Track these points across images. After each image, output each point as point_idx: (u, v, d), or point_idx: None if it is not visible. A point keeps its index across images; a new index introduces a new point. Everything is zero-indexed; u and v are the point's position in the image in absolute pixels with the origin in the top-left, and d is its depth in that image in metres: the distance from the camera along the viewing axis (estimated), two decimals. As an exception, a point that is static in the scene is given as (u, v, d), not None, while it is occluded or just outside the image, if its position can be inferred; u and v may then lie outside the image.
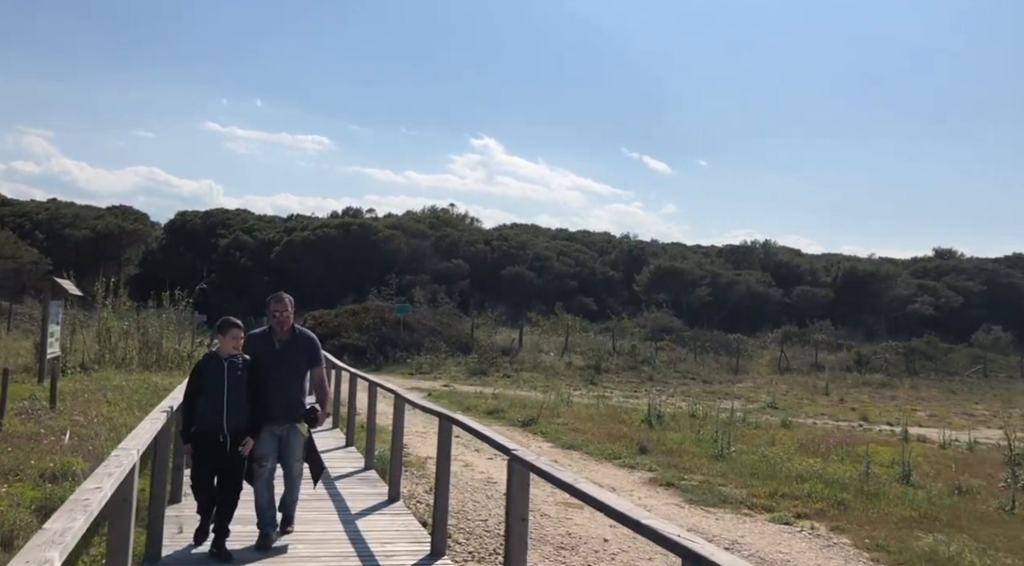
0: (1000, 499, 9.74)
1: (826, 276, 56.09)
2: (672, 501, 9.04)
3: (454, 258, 49.75)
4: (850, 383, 28.38)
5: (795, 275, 56.02)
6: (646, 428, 14.71)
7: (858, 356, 32.85)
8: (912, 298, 52.13)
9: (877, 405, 23.10)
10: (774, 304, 51.02)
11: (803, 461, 11.67)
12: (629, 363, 28.98)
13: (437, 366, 26.25)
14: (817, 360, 32.64)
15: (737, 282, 51.28)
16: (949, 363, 33.84)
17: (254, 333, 5.88)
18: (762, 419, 17.80)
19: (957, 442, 15.70)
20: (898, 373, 30.99)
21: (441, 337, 29.55)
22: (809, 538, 7.55)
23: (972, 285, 54.95)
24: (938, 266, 60.54)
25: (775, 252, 60.47)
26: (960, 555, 6.86)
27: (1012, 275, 57.40)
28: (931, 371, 32.34)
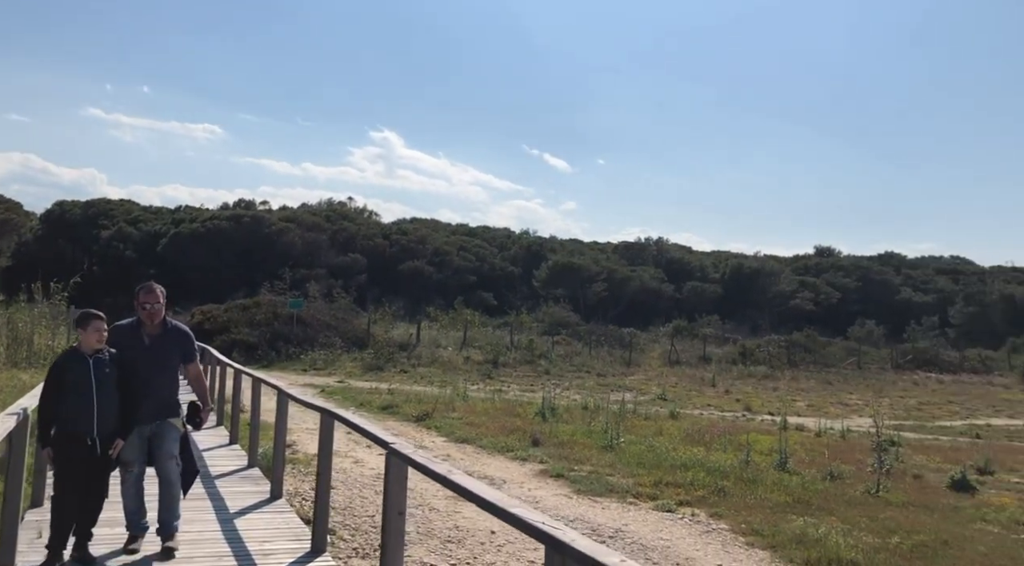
0: (867, 483, 10.31)
1: (715, 273, 58.27)
2: (561, 492, 9.16)
3: (351, 252, 48.99)
4: (735, 375, 29.53)
5: (686, 271, 57.95)
6: (540, 421, 14.87)
7: (743, 349, 34.23)
8: (794, 294, 54.77)
9: (760, 396, 24.12)
10: (666, 299, 52.61)
11: (688, 450, 12.05)
12: (526, 357, 29.25)
13: (332, 362, 25.76)
14: (705, 353, 33.84)
15: (632, 278, 52.59)
16: (827, 356, 35.70)
17: (120, 325, 5.40)
18: (652, 410, 18.28)
19: (832, 430, 16.53)
20: (780, 365, 32.48)
21: (336, 332, 29.02)
22: (690, 524, 7.80)
23: (849, 282, 58.21)
24: (818, 263, 63.84)
25: (668, 249, 62.37)
26: (827, 536, 7.23)
27: (885, 272, 61.11)
28: (810, 363, 34.03)
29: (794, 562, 6.62)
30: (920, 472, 11.84)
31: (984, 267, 70.40)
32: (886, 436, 15.09)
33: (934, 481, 11.18)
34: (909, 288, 60.53)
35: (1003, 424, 20.88)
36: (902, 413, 22.12)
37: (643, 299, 51.86)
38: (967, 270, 68.66)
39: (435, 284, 49.44)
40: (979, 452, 13.44)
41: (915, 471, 11.88)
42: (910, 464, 12.48)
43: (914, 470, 11.95)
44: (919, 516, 8.77)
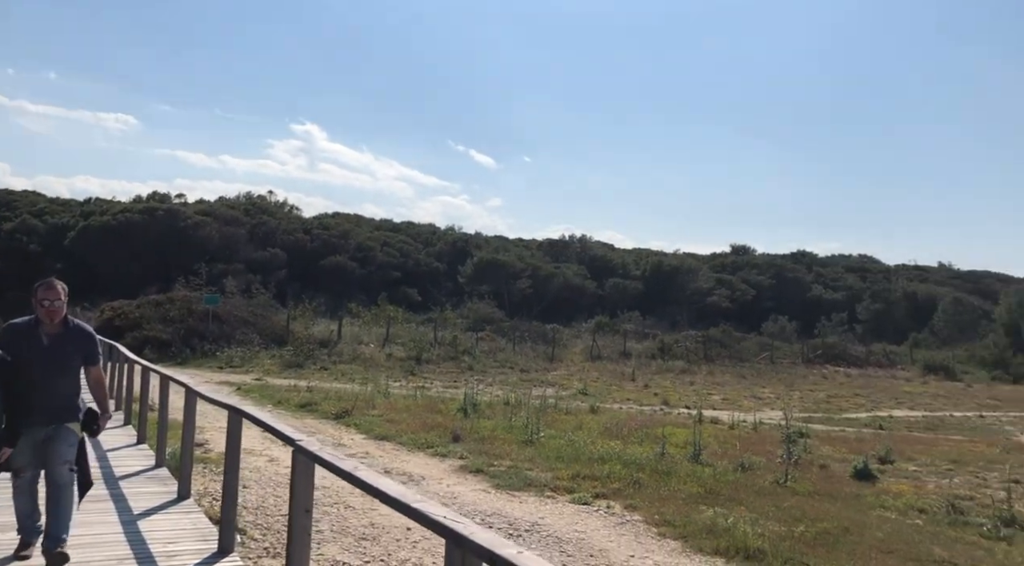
0: (776, 473, 10.65)
1: (636, 270, 59.32)
2: (480, 487, 9.17)
3: (271, 247, 47.93)
4: (654, 369, 30.13)
5: (609, 269, 58.81)
6: (461, 417, 14.86)
7: (662, 344, 34.96)
8: (711, 291, 56.24)
9: (677, 390, 24.67)
10: (589, 296, 53.29)
11: (606, 444, 12.23)
12: (450, 354, 29.18)
13: (249, 359, 25.15)
14: (626, 348, 34.42)
15: (556, 275, 53.06)
16: (742, 351, 36.79)
17: (15, 323, 5.07)
18: (573, 405, 18.48)
19: (745, 423, 17.01)
20: (697, 360, 33.31)
21: (254, 329, 28.35)
22: (605, 516, 7.92)
23: (763, 279, 60.11)
24: (734, 261, 65.72)
25: (591, 247, 63.16)
26: (736, 526, 7.44)
27: (797, 270, 63.32)
28: (726, 358, 35.00)
29: (703, 551, 6.79)
30: (826, 462, 12.30)
31: (889, 266, 73.82)
32: (795, 428, 15.66)
33: (839, 471, 11.64)
34: (820, 286, 62.91)
35: (904, 415, 21.91)
36: (811, 406, 22.96)
37: (567, 296, 52.40)
38: (874, 268, 71.82)
39: (358, 280, 48.82)
40: (881, 443, 14.04)
41: (822, 461, 12.33)
42: (817, 455, 12.95)
43: (821, 460, 12.41)
44: (823, 504, 9.11)
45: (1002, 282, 64.01)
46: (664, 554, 6.71)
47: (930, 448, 14.76)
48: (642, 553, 6.69)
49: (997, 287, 59.66)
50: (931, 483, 11.18)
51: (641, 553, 6.69)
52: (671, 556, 6.66)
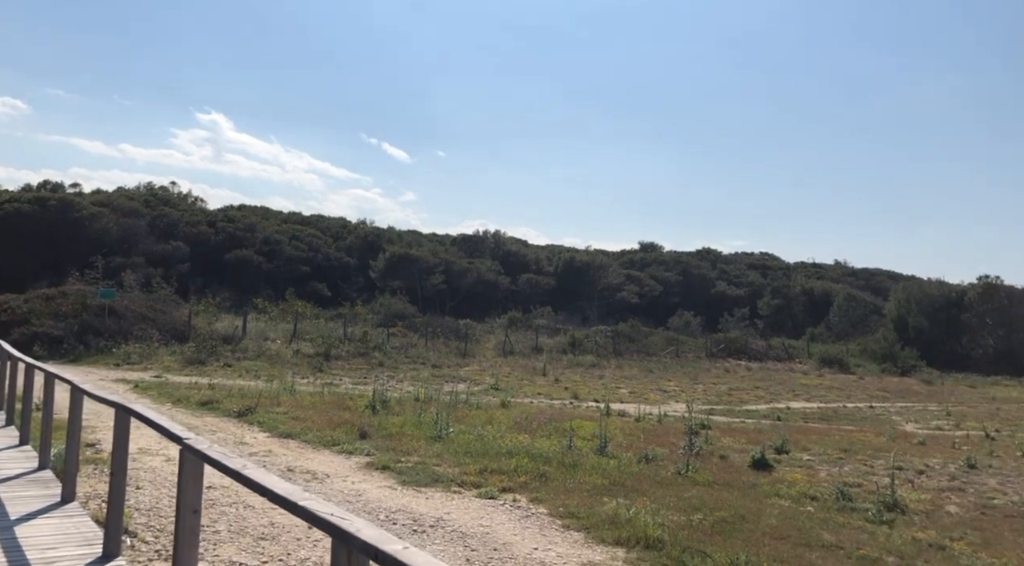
0: (678, 464, 10.94)
1: (549, 266, 59.85)
2: (386, 484, 9.07)
3: (173, 240, 46.13)
4: (565, 364, 30.50)
5: (522, 264, 59.14)
6: (370, 414, 14.66)
7: (573, 339, 35.40)
8: (621, 287, 57.29)
9: (587, 384, 25.04)
10: (502, 291, 53.47)
11: (515, 438, 12.30)
12: (360, 349, 28.76)
13: (148, 356, 24.15)
14: (538, 343, 34.72)
15: (469, 270, 52.97)
16: (649, 345, 37.64)
17: None
18: (484, 400, 18.51)
19: (650, 415, 17.41)
20: (606, 354, 33.89)
21: (154, 324, 27.24)
22: (510, 510, 7.95)
23: (670, 275, 61.62)
24: (643, 258, 67.16)
25: (505, 242, 63.33)
26: (637, 516, 7.59)
27: (702, 267, 65.17)
28: (634, 352, 35.75)
29: (605, 542, 6.90)
30: (726, 453, 12.69)
31: (789, 263, 76.82)
32: (698, 420, 16.14)
33: (737, 461, 12.03)
34: (724, 282, 64.95)
35: (801, 407, 22.85)
36: (714, 398, 23.69)
37: (480, 291, 52.43)
38: (774, 265, 74.63)
39: (265, 274, 47.56)
40: (778, 433, 14.58)
41: (722, 452, 12.72)
42: (718, 446, 13.36)
43: (721, 451, 12.80)
44: (722, 494, 9.40)
45: (892, 279, 67.52)
46: (567, 546, 6.79)
47: (823, 438, 15.42)
48: (545, 545, 6.75)
49: (888, 284, 62.91)
50: (823, 471, 11.68)
51: (544, 545, 6.75)
52: (574, 547, 6.74)
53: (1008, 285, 46.06)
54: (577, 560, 6.39)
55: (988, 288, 45.61)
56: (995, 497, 10.42)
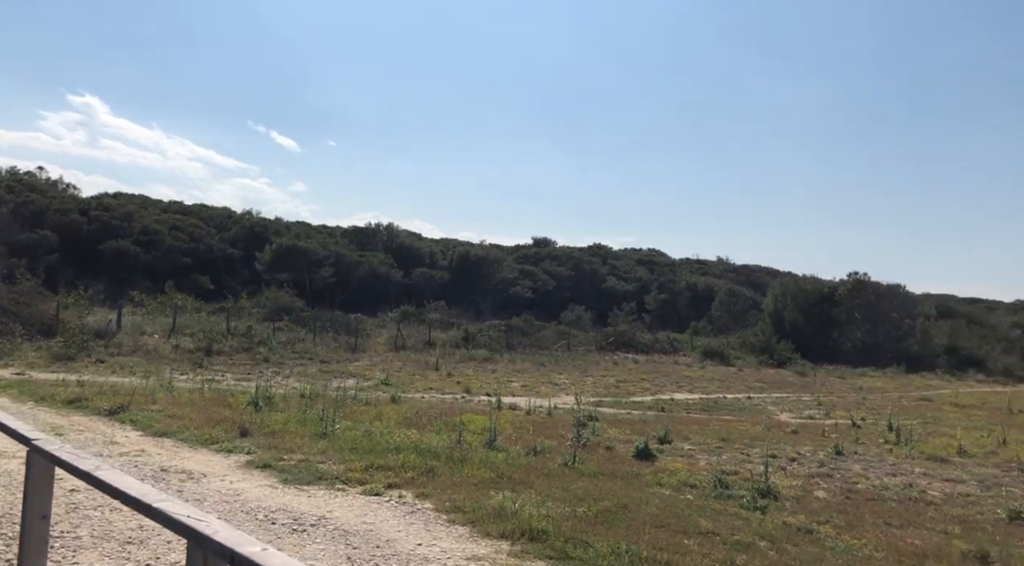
0: (565, 456, 11.07)
1: (443, 259, 59.69)
2: (266, 482, 8.77)
3: (40, 228, 43.28)
4: (458, 359, 30.45)
5: (416, 258, 58.74)
6: (252, 411, 14.16)
7: (466, 333, 35.40)
8: (515, 281, 57.77)
9: (479, 378, 25.07)
10: (395, 285, 52.95)
11: (403, 434, 12.14)
12: (244, 345, 27.80)
13: (9, 352, 22.53)
14: (431, 338, 34.52)
15: (361, 263, 52.17)
16: (541, 339, 38.10)
17: None
18: (374, 396, 18.23)
19: (541, 408, 17.58)
20: (499, 348, 34.05)
21: (17, 318, 25.45)
22: (396, 506, 7.83)
23: (563, 270, 62.61)
24: (536, 253, 67.95)
25: (398, 235, 62.70)
26: (523, 508, 7.63)
27: (593, 262, 66.52)
28: (527, 346, 36.10)
29: (491, 535, 6.89)
30: (612, 444, 12.95)
31: (675, 259, 79.47)
32: (586, 412, 16.44)
33: (623, 451, 12.30)
34: (614, 277, 66.51)
35: (684, 398, 23.65)
36: (603, 390, 24.20)
37: (372, 284, 51.71)
38: (661, 261, 77.03)
39: (143, 266, 45.32)
40: (661, 424, 15.01)
41: (608, 443, 12.97)
42: (605, 437, 13.61)
43: (607, 442, 13.05)
44: (606, 484, 9.58)
45: (770, 275, 70.83)
46: (452, 540, 6.74)
47: (704, 428, 15.98)
48: (430, 540, 6.68)
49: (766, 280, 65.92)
50: (703, 460, 12.09)
51: (429, 541, 6.68)
52: (458, 542, 6.70)
53: (875, 281, 49.10)
54: (461, 554, 6.35)
55: (857, 284, 48.49)
56: (859, 482, 11.06)
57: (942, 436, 16.54)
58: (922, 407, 24.46)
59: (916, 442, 15.18)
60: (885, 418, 18.53)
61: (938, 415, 21.82)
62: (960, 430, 17.08)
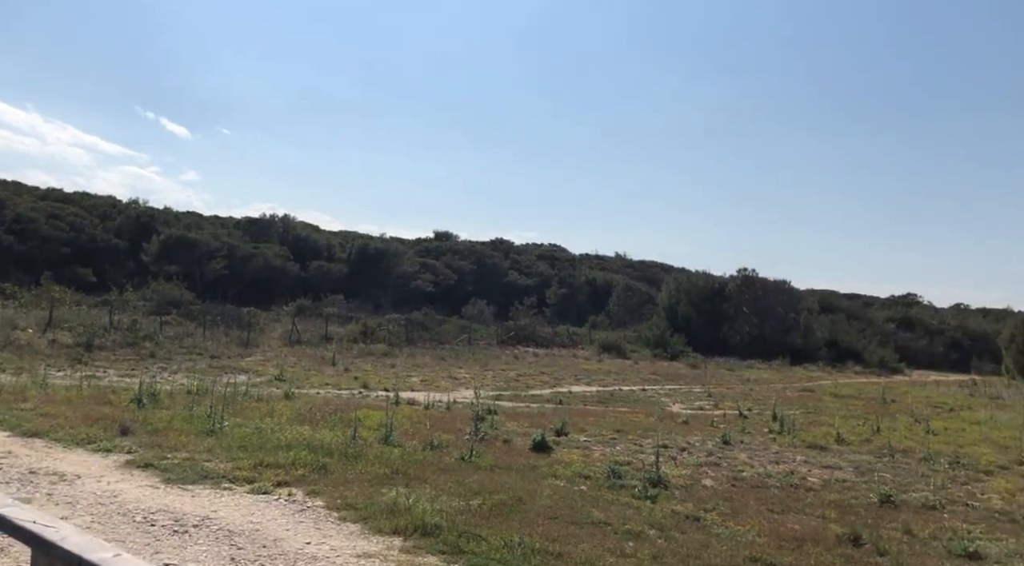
0: (462, 450, 11.02)
1: (342, 252, 58.61)
2: (147, 483, 8.35)
3: (-101, 214, 40.04)
4: (356, 353, 29.96)
5: (313, 250, 57.45)
6: (135, 408, 13.49)
7: (365, 328, 34.90)
8: (416, 275, 57.35)
9: (378, 373, 24.73)
10: (291, 278, 51.64)
11: (296, 430, 11.82)
12: (128, 339, 26.49)
13: None
14: (327, 332, 33.83)
15: (255, 255, 50.62)
16: (442, 333, 37.96)
17: None
18: (266, 392, 17.71)
19: (440, 403, 17.48)
20: (399, 343, 33.74)
21: None
22: (285, 505, 7.60)
23: (465, 264, 62.59)
24: (438, 246, 67.65)
25: (295, 227, 61.15)
26: (417, 503, 7.54)
27: (495, 257, 66.79)
28: (427, 340, 35.89)
29: (382, 532, 6.77)
30: (510, 437, 12.99)
31: (575, 255, 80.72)
32: (485, 406, 16.46)
33: (520, 444, 12.35)
34: (516, 271, 66.96)
35: (581, 390, 24.02)
36: (502, 384, 24.29)
37: (267, 277, 50.26)
38: (562, 257, 78.11)
39: (16, 256, 42.56)
40: (559, 416, 15.18)
41: (506, 436, 13.00)
42: (503, 430, 13.63)
43: (505, 435, 13.07)
44: (502, 477, 9.59)
45: (665, 271, 72.95)
46: (342, 538, 6.59)
47: (600, 419, 16.26)
48: (319, 539, 6.51)
49: (661, 275, 67.84)
50: (598, 451, 12.29)
51: (318, 539, 6.50)
52: (349, 539, 6.55)
53: (762, 278, 51.25)
54: (352, 552, 6.21)
55: (746, 280, 50.49)
56: (744, 470, 11.48)
57: (822, 425, 17.39)
58: (804, 397, 25.69)
59: (798, 431, 15.90)
60: (770, 408, 19.33)
61: (819, 405, 22.96)
62: (838, 419, 18.03)
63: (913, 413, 21.07)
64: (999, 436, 17.04)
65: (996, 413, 21.80)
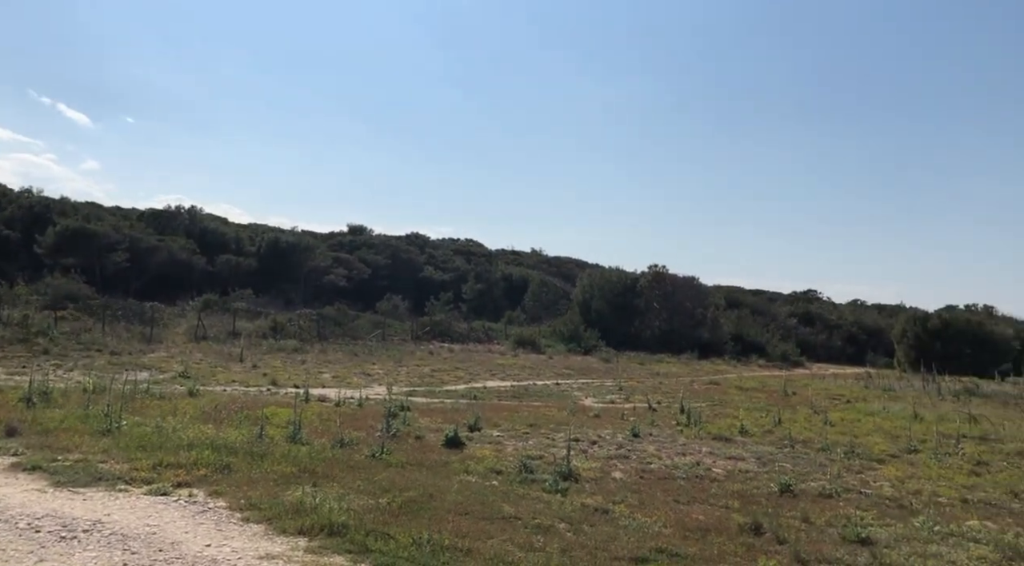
0: (373, 447, 10.86)
1: (251, 246, 56.97)
2: (34, 486, 7.91)
3: None
4: (265, 349, 29.21)
5: (221, 244, 55.62)
6: (23, 408, 12.78)
7: (275, 323, 34.05)
8: (329, 269, 56.29)
9: (288, 369, 24.17)
10: (198, 272, 49.88)
11: (199, 429, 11.42)
12: (20, 335, 25.09)
13: None
14: (235, 328, 32.86)
15: (159, 248, 48.69)
16: (355, 329, 37.38)
17: None
18: (170, 389, 17.09)
19: (352, 400, 17.19)
20: (310, 339, 33.05)
21: None
22: (184, 506, 7.31)
23: (380, 259, 61.80)
24: (352, 240, 66.58)
25: (202, 219, 59.07)
26: (323, 502, 7.38)
27: (411, 251, 66.22)
28: (340, 336, 35.27)
29: (287, 532, 6.60)
30: (422, 433, 12.88)
31: (492, 250, 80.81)
32: (398, 402, 16.30)
33: (432, 440, 12.26)
34: (431, 266, 66.54)
35: (496, 385, 24.07)
36: (417, 380, 24.10)
37: (172, 271, 48.37)
38: (478, 252, 78.07)
39: None
40: (473, 412, 15.15)
41: (418, 433, 12.89)
42: (415, 427, 13.51)
43: (418, 432, 12.96)
44: (413, 474, 9.49)
45: (580, 267, 73.81)
46: (245, 539, 6.38)
47: (513, 414, 16.31)
48: (220, 541, 6.28)
49: (576, 271, 68.61)
50: (510, 446, 12.31)
51: (219, 541, 6.28)
52: (252, 540, 6.35)
53: (672, 274, 52.45)
54: (254, 553, 6.02)
55: (657, 276, 51.59)
56: (652, 462, 11.71)
57: (727, 417, 17.92)
58: (711, 390, 26.44)
59: (704, 423, 16.33)
60: (678, 401, 19.80)
61: (724, 398, 23.66)
62: (743, 411, 18.62)
63: (812, 405, 21.96)
64: (891, 426, 17.92)
65: (888, 404, 22.91)
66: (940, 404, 24.47)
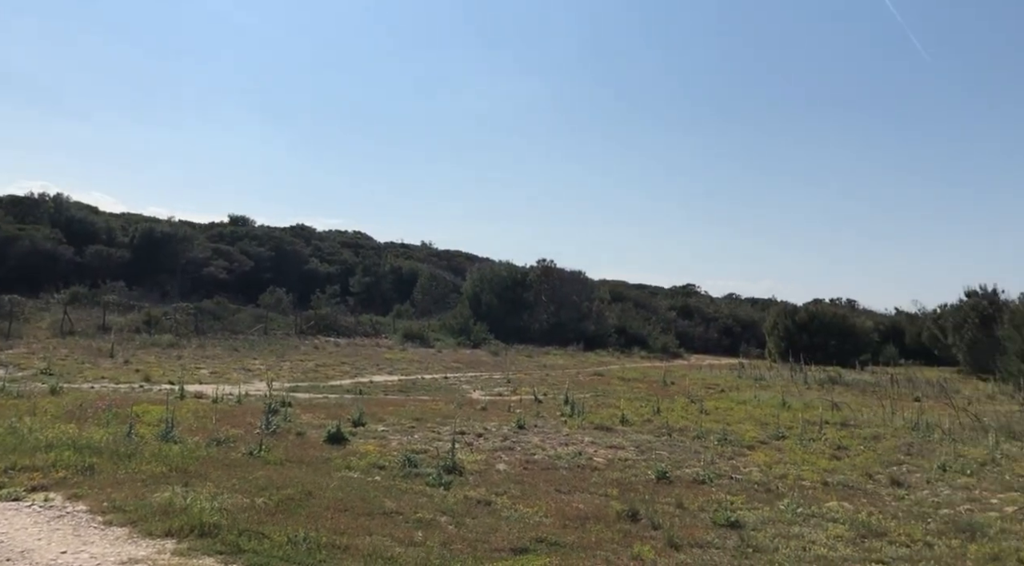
0: (251, 445, 10.52)
1: (124, 236, 54.08)
2: None
3: None
4: (138, 344, 27.80)
5: (91, 234, 52.49)
6: None
7: (149, 317, 32.45)
8: (208, 261, 54.13)
9: (162, 365, 23.09)
10: (65, 263, 46.92)
11: (60, 428, 10.75)
12: None
13: None
14: (106, 322, 31.12)
15: (20, 238, 45.50)
16: (236, 323, 36.05)
17: None
18: (29, 387, 16.01)
19: (230, 396, 16.60)
20: (187, 333, 31.68)
21: None
22: (39, 511, 6.86)
23: (263, 251, 59.90)
24: (233, 232, 64.22)
25: (69, 208, 55.54)
26: (194, 503, 7.08)
27: (296, 243, 64.53)
28: (219, 330, 33.96)
29: (154, 535, 6.29)
30: (304, 429, 12.57)
31: (380, 243, 79.80)
32: (279, 398, 15.85)
33: (314, 437, 11.99)
34: (317, 259, 65.04)
35: (383, 380, 23.77)
36: (300, 375, 23.49)
37: (34, 262, 45.28)
38: (367, 245, 76.91)
39: None
40: (357, 407, 14.90)
41: (300, 429, 12.57)
42: (297, 423, 13.18)
43: (299, 428, 12.64)
44: (292, 471, 9.25)
45: (470, 260, 73.87)
46: (106, 544, 6.04)
47: (400, 409, 16.16)
48: (78, 546, 5.93)
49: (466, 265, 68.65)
50: (395, 441, 12.19)
51: (77, 546, 5.92)
52: (114, 545, 6.02)
53: (560, 268, 53.33)
54: (116, 558, 5.71)
55: (545, 270, 52.32)
56: (536, 453, 11.87)
57: (610, 407, 18.38)
58: (595, 381, 27.05)
59: (587, 414, 16.70)
60: (563, 393, 20.15)
61: (607, 388, 24.26)
62: (624, 401, 19.16)
63: (689, 394, 22.83)
64: (760, 414, 18.85)
65: (759, 393, 24.09)
66: (806, 392, 25.95)
